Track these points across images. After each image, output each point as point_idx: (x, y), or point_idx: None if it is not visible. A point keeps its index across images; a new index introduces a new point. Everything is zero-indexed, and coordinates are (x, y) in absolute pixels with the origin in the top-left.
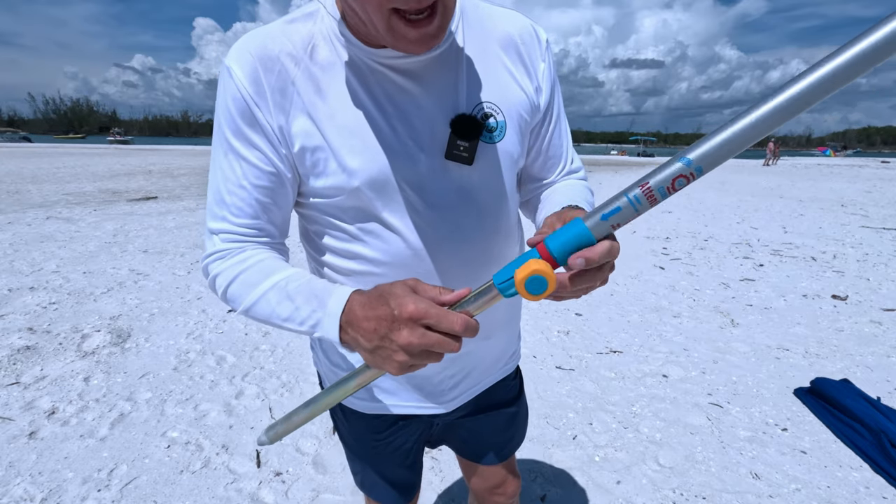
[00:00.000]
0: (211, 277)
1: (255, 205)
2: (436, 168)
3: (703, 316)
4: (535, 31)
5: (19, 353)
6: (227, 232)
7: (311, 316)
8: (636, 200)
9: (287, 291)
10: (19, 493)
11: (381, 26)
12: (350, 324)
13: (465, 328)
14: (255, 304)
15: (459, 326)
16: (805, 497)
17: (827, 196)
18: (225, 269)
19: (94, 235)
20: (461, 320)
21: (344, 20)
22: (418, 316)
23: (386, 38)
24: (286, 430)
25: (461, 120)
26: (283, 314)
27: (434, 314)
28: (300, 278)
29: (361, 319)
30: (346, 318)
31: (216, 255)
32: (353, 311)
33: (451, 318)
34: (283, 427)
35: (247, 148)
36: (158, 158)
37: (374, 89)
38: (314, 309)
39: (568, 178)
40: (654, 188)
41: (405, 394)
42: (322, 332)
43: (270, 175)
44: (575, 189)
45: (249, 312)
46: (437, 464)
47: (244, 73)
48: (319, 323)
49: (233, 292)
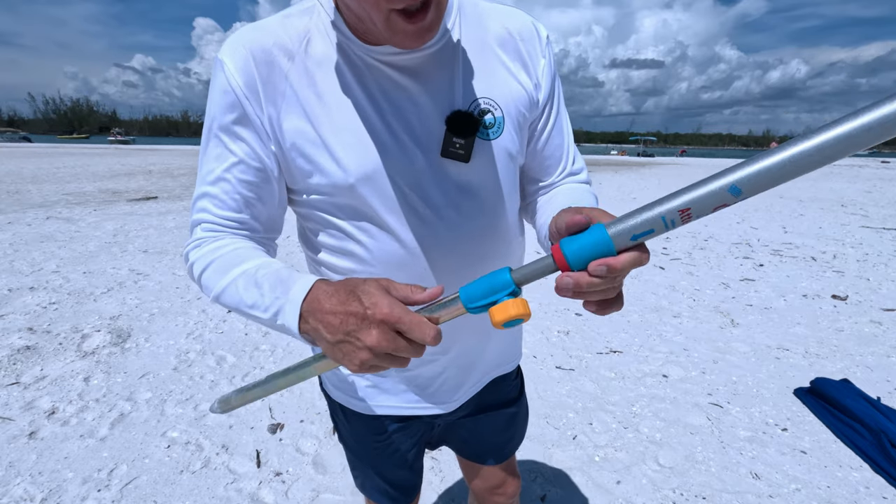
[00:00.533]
0: (189, 265)
1: (238, 198)
2: (432, 165)
3: (703, 316)
4: (534, 28)
5: (19, 353)
6: (207, 222)
7: (274, 303)
8: (671, 223)
9: (255, 278)
10: (19, 493)
11: (380, 22)
12: (312, 313)
13: (435, 339)
14: (224, 291)
15: (431, 338)
16: (805, 497)
17: (827, 196)
18: (201, 257)
19: (94, 235)
20: (433, 332)
21: (340, 16)
22: (392, 320)
23: (384, 33)
24: (240, 403)
25: (457, 117)
26: (248, 301)
27: (408, 321)
28: (270, 266)
29: (327, 312)
30: (307, 307)
31: (194, 244)
32: (318, 300)
33: (424, 329)
34: (236, 400)
35: (234, 142)
36: (158, 158)
37: (370, 86)
38: (277, 296)
39: (569, 182)
40: (693, 213)
41: (406, 395)
42: (283, 319)
43: (256, 170)
44: (577, 194)
45: (220, 299)
46: (437, 464)
47: (236, 66)
48: (281, 310)
49: (206, 279)
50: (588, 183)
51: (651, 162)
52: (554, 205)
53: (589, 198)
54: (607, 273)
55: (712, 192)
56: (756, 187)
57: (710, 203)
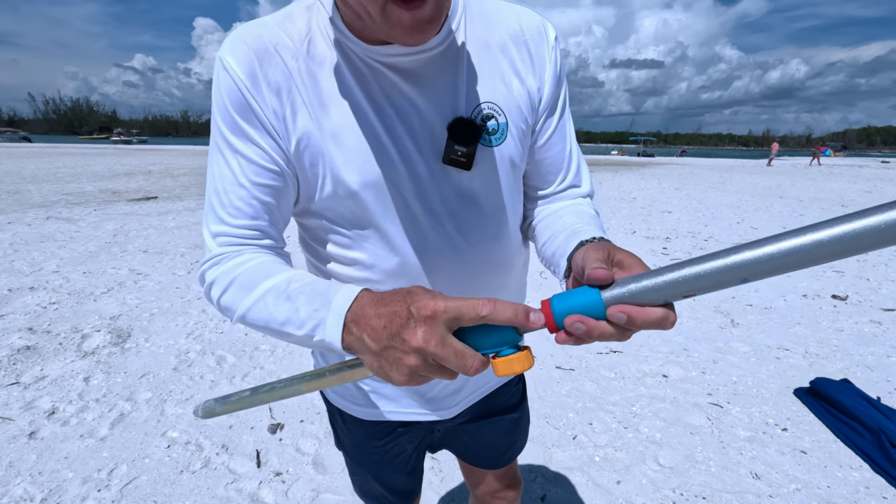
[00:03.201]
0: (206, 286)
1: (256, 204)
2: (434, 172)
3: (703, 316)
4: (543, 28)
5: (19, 353)
6: (224, 235)
7: (313, 316)
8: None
9: (287, 292)
10: (19, 493)
11: (376, 14)
12: (356, 322)
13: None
14: (250, 309)
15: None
16: (805, 497)
17: (827, 196)
18: (220, 275)
19: (94, 235)
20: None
21: (339, 14)
22: (440, 314)
23: (381, 26)
24: (223, 412)
25: (458, 124)
26: (280, 317)
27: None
28: (303, 279)
29: (371, 316)
30: (352, 316)
31: (212, 261)
32: (363, 308)
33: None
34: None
35: (244, 143)
36: (158, 158)
37: (373, 89)
38: (317, 308)
39: (570, 198)
40: (696, 295)
41: (405, 400)
42: (323, 335)
43: (271, 172)
44: (581, 217)
45: (246, 318)
46: (438, 465)
47: (239, 64)
48: (322, 322)
49: (227, 299)
50: (590, 196)
51: (651, 162)
52: (556, 226)
53: (590, 220)
54: (626, 322)
55: (723, 281)
56: (762, 275)
57: (717, 288)
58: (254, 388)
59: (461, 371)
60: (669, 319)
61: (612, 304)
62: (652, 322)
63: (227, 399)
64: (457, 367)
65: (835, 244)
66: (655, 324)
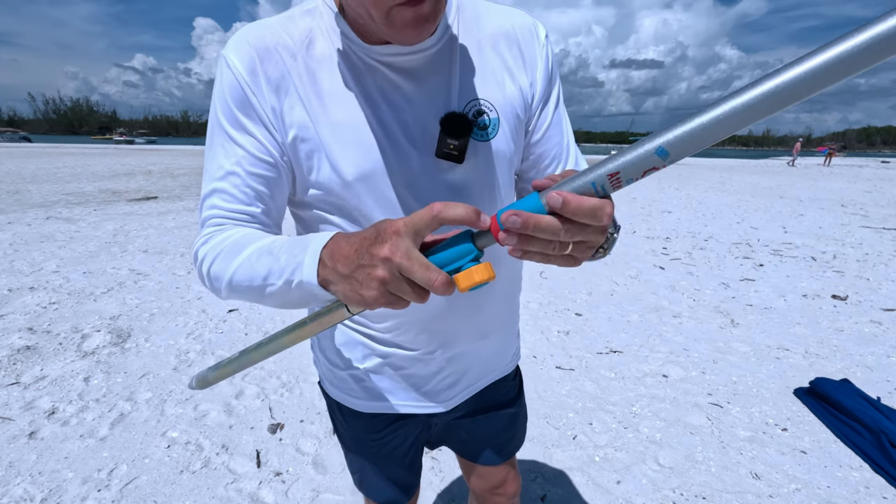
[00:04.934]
0: (198, 264)
1: (249, 192)
2: (427, 165)
3: (703, 316)
4: (534, 28)
5: (19, 353)
6: (216, 217)
7: (291, 262)
8: (601, 188)
9: (270, 248)
10: (19, 493)
11: (379, 18)
12: (331, 255)
13: (444, 286)
14: (236, 272)
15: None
16: (805, 497)
17: (827, 196)
18: (210, 249)
19: (94, 235)
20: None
21: (342, 14)
22: (406, 229)
23: (383, 29)
24: (216, 380)
25: (450, 118)
26: (263, 271)
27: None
28: (286, 238)
29: (343, 246)
30: (327, 252)
31: (202, 240)
32: (337, 242)
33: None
34: (213, 377)
35: (242, 134)
36: (158, 158)
37: (369, 86)
38: (295, 254)
39: None
40: (622, 179)
41: (402, 393)
42: (301, 276)
43: (265, 163)
44: None
45: (232, 284)
46: (437, 463)
47: (241, 62)
48: (300, 265)
49: (216, 268)
50: None
51: None
52: None
53: None
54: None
55: (640, 156)
56: (684, 149)
57: (638, 167)
58: (241, 351)
59: (426, 284)
60: (605, 210)
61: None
62: (587, 209)
63: (218, 365)
64: (423, 280)
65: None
66: (590, 212)
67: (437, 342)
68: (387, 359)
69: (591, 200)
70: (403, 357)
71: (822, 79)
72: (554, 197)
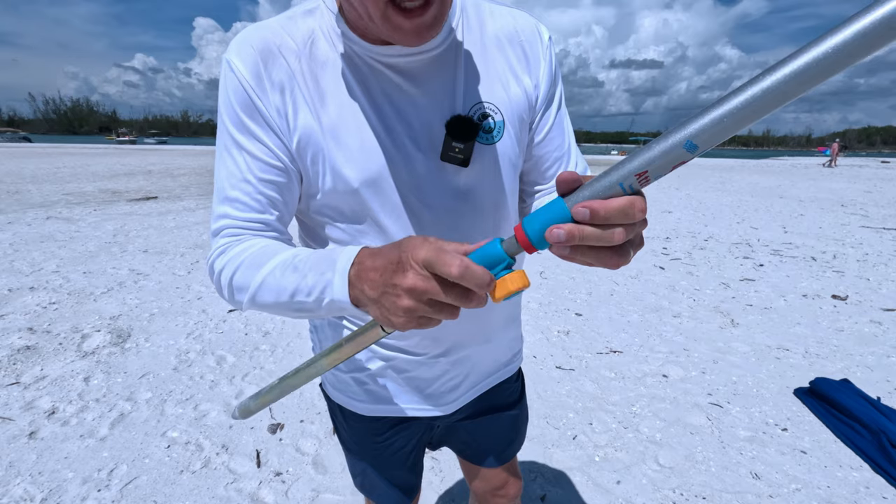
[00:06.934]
0: (216, 275)
1: (262, 199)
2: (433, 169)
3: (703, 316)
4: (537, 29)
5: (19, 353)
6: (230, 227)
7: (320, 280)
8: (629, 188)
9: (294, 264)
10: (19, 493)
11: (377, 16)
12: (358, 276)
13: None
14: (260, 287)
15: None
16: (805, 497)
17: (827, 196)
18: (228, 261)
19: (94, 235)
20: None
21: (342, 15)
22: (430, 260)
23: (382, 29)
24: (259, 408)
25: (456, 121)
26: (290, 287)
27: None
28: (307, 251)
29: (369, 269)
30: (355, 271)
31: (218, 251)
32: (363, 262)
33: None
34: (255, 405)
35: (250, 141)
36: (158, 158)
37: (373, 88)
38: (322, 272)
39: None
40: (651, 176)
41: (404, 396)
42: (332, 295)
43: (276, 169)
44: None
45: (256, 299)
46: (438, 464)
47: (245, 66)
48: (329, 284)
49: (237, 282)
50: None
51: None
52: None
53: None
54: (590, 218)
55: (667, 150)
56: (711, 139)
57: (667, 163)
58: (280, 378)
59: (460, 302)
60: (636, 206)
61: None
62: (617, 211)
63: (259, 394)
64: (455, 299)
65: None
66: (621, 213)
67: (442, 346)
68: (390, 362)
69: (618, 202)
70: (407, 360)
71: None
72: (580, 211)
